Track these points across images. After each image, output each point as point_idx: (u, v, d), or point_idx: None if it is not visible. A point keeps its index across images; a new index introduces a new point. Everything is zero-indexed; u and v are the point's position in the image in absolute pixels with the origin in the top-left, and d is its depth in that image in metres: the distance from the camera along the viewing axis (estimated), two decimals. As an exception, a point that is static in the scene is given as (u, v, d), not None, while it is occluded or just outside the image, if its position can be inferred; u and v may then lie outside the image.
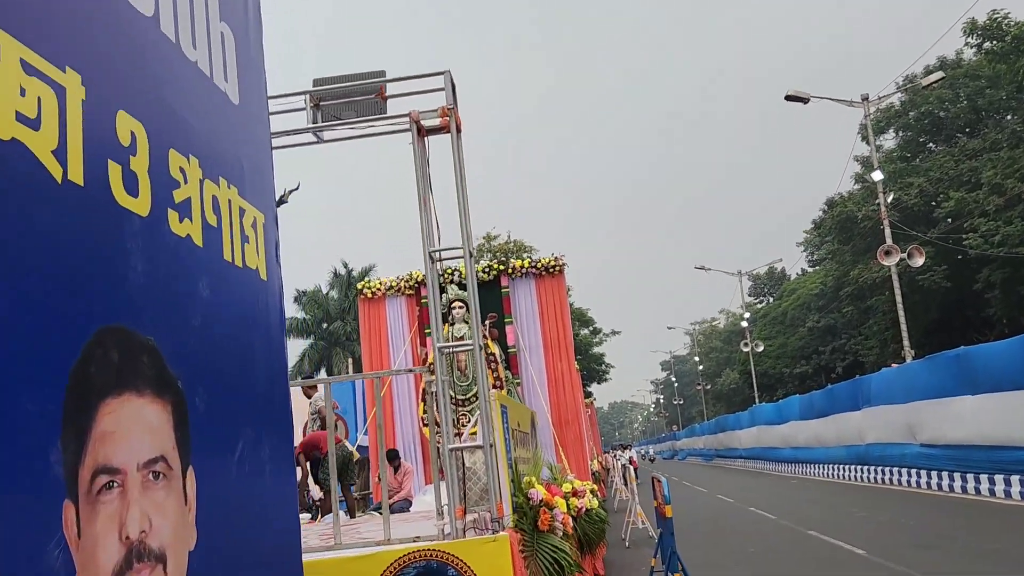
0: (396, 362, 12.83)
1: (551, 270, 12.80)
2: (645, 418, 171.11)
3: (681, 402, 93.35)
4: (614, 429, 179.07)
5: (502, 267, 12.71)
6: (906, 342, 21.09)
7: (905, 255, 21.07)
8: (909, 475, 18.32)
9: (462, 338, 12.26)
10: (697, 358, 78.87)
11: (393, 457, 10.88)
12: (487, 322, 12.41)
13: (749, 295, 67.76)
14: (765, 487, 24.87)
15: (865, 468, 21.49)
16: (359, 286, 13.02)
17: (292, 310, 55.85)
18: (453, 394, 12.06)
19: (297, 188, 23.78)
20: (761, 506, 17.55)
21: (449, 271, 12.78)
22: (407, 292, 12.95)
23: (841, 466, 23.71)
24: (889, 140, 38.17)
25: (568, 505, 5.72)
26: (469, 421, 12.00)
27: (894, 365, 19.52)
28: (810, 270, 67.91)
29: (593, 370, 55.60)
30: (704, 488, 27.09)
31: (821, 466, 26.01)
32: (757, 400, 42.21)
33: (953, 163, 31.97)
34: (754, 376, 43.44)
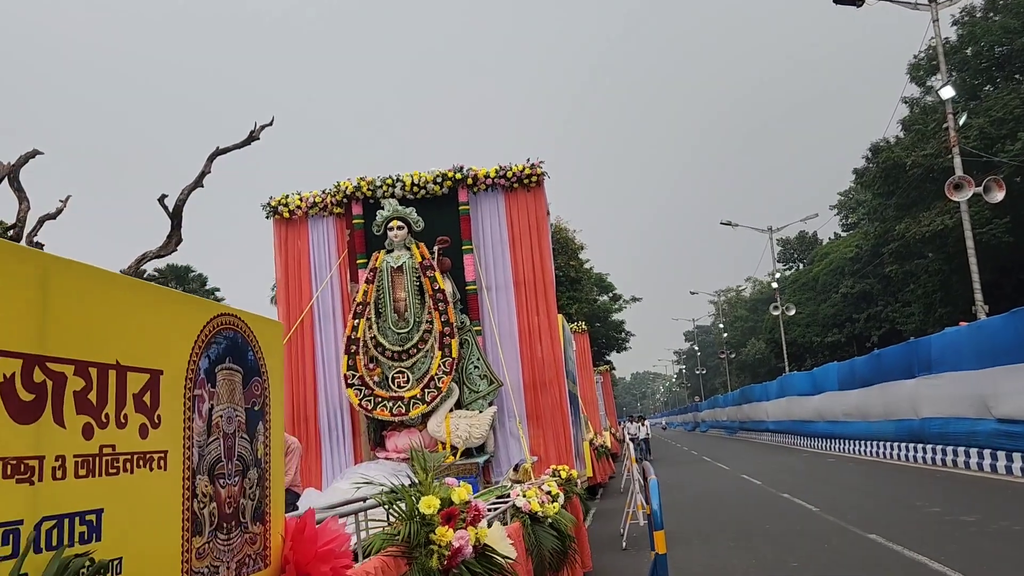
0: (318, 296, 9.72)
1: (525, 182, 9.55)
2: (667, 389, 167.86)
3: (704, 372, 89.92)
4: (636, 400, 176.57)
5: (459, 177, 9.46)
6: (978, 295, 17.59)
7: (981, 188, 17.47)
8: (981, 457, 14.96)
9: (401, 268, 9.10)
10: (721, 325, 75.31)
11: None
12: (436, 248, 9.23)
13: (778, 260, 63.85)
14: (798, 467, 21.59)
15: (920, 447, 18.13)
16: (272, 203, 9.84)
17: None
18: (386, 344, 8.93)
19: (271, 123, 20.69)
20: (797, 493, 14.32)
21: (389, 181, 9.59)
22: (335, 211, 9.77)
23: (888, 444, 20.35)
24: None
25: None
26: (408, 381, 8.87)
27: (963, 324, 16.13)
28: (844, 234, 63.99)
29: (612, 338, 52.52)
30: (726, 466, 23.88)
31: (862, 443, 22.66)
32: (787, 369, 38.76)
33: (1019, 101, 28.03)
34: (784, 343, 39.92)
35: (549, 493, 6.01)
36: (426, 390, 8.67)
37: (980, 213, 26.99)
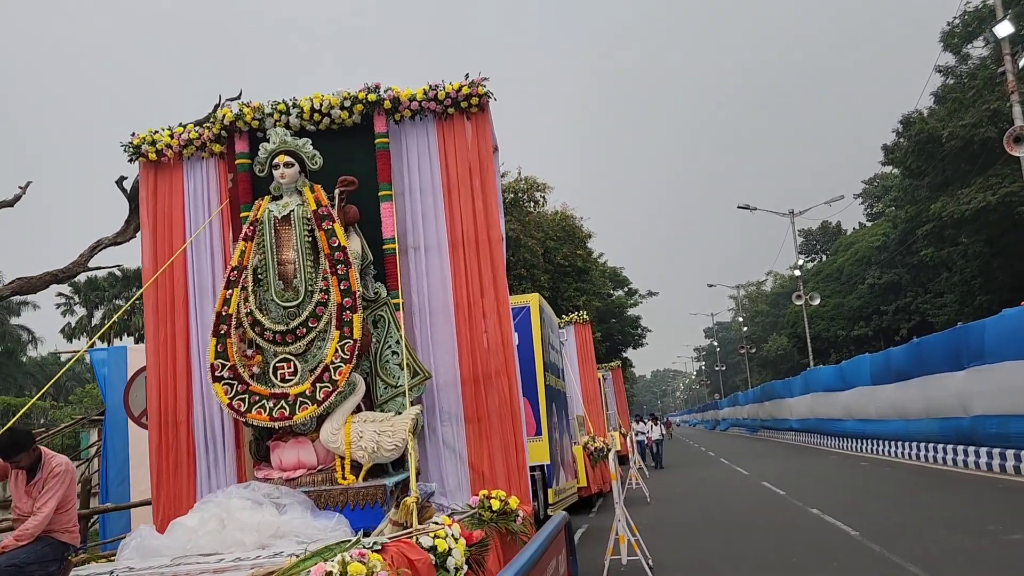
0: (194, 262, 7.38)
1: (464, 106, 7.12)
2: (687, 386, 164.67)
3: (723, 368, 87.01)
4: (656, 398, 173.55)
5: (375, 99, 7.06)
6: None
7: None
8: (1053, 464, 12.37)
9: (288, 219, 6.72)
10: (741, 319, 72.54)
11: (19, 447, 5.12)
12: (337, 191, 6.83)
13: (800, 252, 61.15)
14: (827, 472, 19.02)
15: (971, 450, 15.54)
16: (135, 141, 7.50)
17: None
18: (266, 323, 6.55)
19: (239, 97, 18.50)
20: (830, 507, 11.80)
21: (282, 107, 7.21)
22: (214, 148, 7.41)
23: (932, 446, 17.74)
24: (979, 48, 31.25)
25: None
26: (296, 372, 6.49)
27: (1026, 303, 13.55)
28: (869, 224, 61.05)
29: (628, 334, 50.13)
30: (745, 469, 21.32)
31: (900, 444, 20.04)
32: (811, 364, 36.04)
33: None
34: (808, 335, 37.20)
35: (433, 549, 3.60)
36: (318, 384, 6.28)
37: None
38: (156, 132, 7.49)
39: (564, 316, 21.66)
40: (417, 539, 3.70)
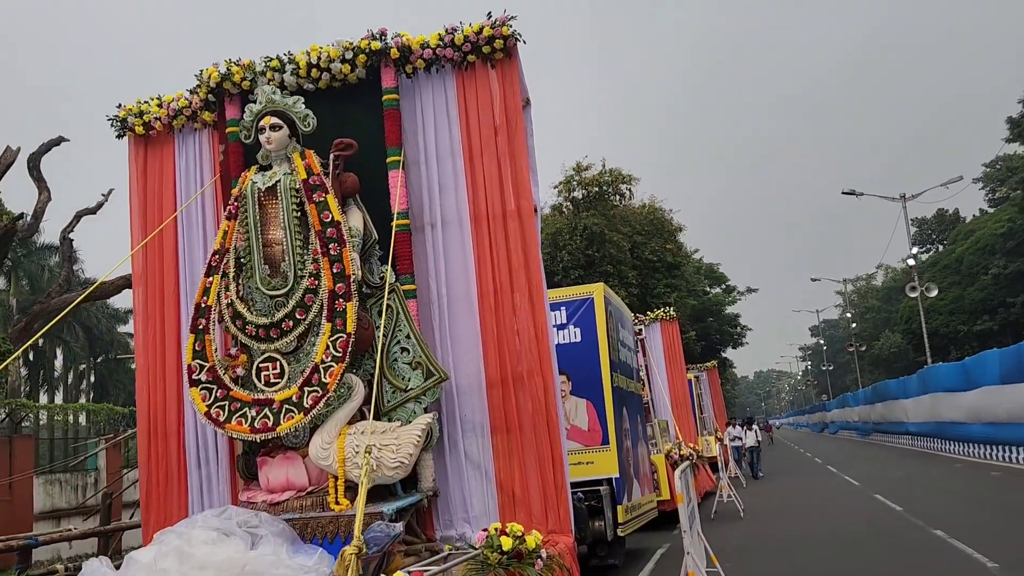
0: (185, 249, 6.46)
1: (487, 51, 5.90)
2: (792, 387, 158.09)
3: (831, 368, 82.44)
4: (760, 399, 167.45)
5: (378, 47, 5.93)
6: None
7: None
8: None
9: (274, 191, 5.66)
10: (849, 315, 68.47)
11: None
12: (332, 156, 5.73)
13: (914, 243, 56.94)
14: (951, 484, 16.79)
15: None
16: (121, 114, 6.62)
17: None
18: (247, 315, 5.51)
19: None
20: (957, 529, 9.95)
21: (275, 63, 6.17)
22: (206, 117, 6.45)
23: (1079, 455, 15.33)
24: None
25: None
26: (283, 377, 5.40)
27: None
28: (991, 210, 56.40)
29: (727, 333, 47.79)
30: (855, 479, 19.19)
31: (1038, 452, 17.58)
32: (929, 362, 33.00)
33: None
34: (924, 330, 34.09)
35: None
36: (307, 388, 5.19)
37: None
38: (144, 102, 6.60)
39: (650, 312, 20.24)
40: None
